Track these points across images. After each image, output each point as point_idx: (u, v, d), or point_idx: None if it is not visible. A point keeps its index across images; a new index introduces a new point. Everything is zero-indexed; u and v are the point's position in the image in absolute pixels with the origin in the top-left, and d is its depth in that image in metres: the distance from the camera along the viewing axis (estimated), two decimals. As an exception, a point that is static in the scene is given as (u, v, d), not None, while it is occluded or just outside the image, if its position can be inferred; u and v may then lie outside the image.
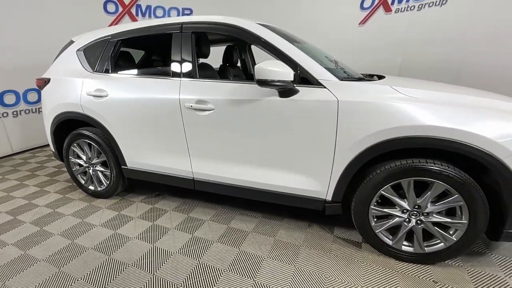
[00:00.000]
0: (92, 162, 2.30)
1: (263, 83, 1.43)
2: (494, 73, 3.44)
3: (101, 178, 2.32)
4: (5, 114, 3.58)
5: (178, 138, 1.86)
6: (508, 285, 1.39)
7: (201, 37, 1.96)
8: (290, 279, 1.46)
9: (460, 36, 3.69)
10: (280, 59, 1.57)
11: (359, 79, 1.71)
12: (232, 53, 2.62)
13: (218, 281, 1.45)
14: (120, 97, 1.99)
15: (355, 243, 1.74)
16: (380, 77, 1.90)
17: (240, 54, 3.03)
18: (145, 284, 1.44)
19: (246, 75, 2.99)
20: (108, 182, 2.29)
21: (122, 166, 2.16)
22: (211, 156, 1.82)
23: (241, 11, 5.18)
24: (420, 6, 4.09)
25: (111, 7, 4.62)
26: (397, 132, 1.33)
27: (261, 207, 2.16)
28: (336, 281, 1.44)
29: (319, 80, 1.50)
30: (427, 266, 1.53)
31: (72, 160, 2.37)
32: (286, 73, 1.42)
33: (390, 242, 1.57)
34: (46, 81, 2.31)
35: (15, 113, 3.67)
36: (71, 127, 2.30)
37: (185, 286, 1.42)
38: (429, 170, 1.35)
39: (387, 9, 4.43)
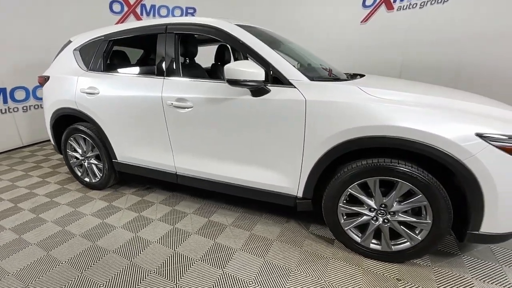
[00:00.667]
0: (87, 156, 2.44)
1: (233, 82, 1.49)
2: (496, 73, 3.33)
3: (95, 171, 2.46)
4: (15, 109, 3.81)
5: (162, 134, 1.96)
6: (473, 286, 1.40)
7: (187, 38, 2.04)
8: (257, 270, 1.52)
9: (462, 34, 3.60)
10: (254, 59, 1.63)
11: (335, 79, 1.74)
12: (224, 52, 2.69)
13: (189, 269, 1.54)
14: (110, 94, 2.10)
15: (328, 240, 1.78)
16: (362, 77, 1.92)
17: (233, 53, 3.08)
18: (121, 269, 1.55)
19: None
20: (101, 175, 2.43)
21: (113, 160, 2.29)
22: (191, 151, 1.91)
23: (243, 10, 5.23)
24: (422, 4, 4.00)
25: (116, 7, 4.79)
26: (360, 132, 1.36)
27: (244, 202, 2.22)
28: (300, 274, 1.49)
29: (290, 80, 1.54)
30: (394, 264, 1.56)
31: (69, 153, 2.53)
32: (257, 74, 1.48)
33: (358, 240, 1.60)
34: (46, 78, 2.47)
35: (25, 108, 3.91)
36: (68, 122, 2.45)
37: (157, 273, 1.52)
38: (392, 169, 1.37)
39: (389, 7, 4.37)
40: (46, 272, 1.54)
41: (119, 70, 2.27)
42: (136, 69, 2.49)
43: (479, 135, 1.22)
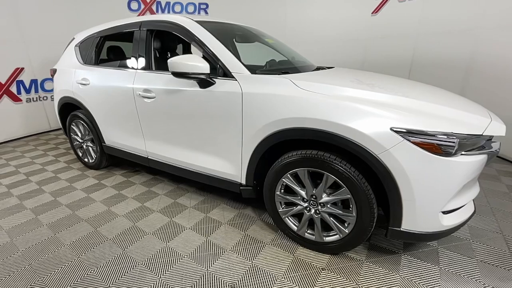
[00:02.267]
0: (85, 139, 2.79)
1: (178, 75, 1.63)
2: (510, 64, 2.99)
3: (91, 153, 2.81)
4: (45, 98, 4.41)
5: (134, 121, 2.18)
6: (397, 283, 1.38)
7: (162, 34, 2.22)
8: (196, 247, 1.67)
9: (477, 25, 3.26)
10: (206, 52, 1.74)
11: (285, 73, 1.78)
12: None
13: (139, 240, 1.75)
14: (97, 85, 2.39)
15: (274, 228, 1.85)
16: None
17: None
18: (86, 234, 1.82)
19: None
20: (95, 156, 2.76)
21: (102, 143, 2.59)
22: (157, 137, 2.11)
23: (254, 5, 5.26)
24: (435, -8, 3.69)
25: (134, 5, 5.18)
26: (283, 124, 1.41)
27: (213, 189, 2.38)
28: (232, 254, 1.60)
29: (232, 73, 1.63)
30: (327, 255, 1.59)
31: (72, 136, 2.90)
32: (199, 67, 1.60)
33: (295, 229, 1.66)
34: (55, 71, 2.85)
35: (52, 97, 4.48)
36: (71, 109, 2.81)
37: (112, 241, 1.75)
38: (317, 161, 1.40)
39: (401, -3, 4.10)
40: (29, 231, 1.87)
41: (108, 63, 2.54)
42: (121, 63, 2.74)
43: (394, 130, 1.20)
